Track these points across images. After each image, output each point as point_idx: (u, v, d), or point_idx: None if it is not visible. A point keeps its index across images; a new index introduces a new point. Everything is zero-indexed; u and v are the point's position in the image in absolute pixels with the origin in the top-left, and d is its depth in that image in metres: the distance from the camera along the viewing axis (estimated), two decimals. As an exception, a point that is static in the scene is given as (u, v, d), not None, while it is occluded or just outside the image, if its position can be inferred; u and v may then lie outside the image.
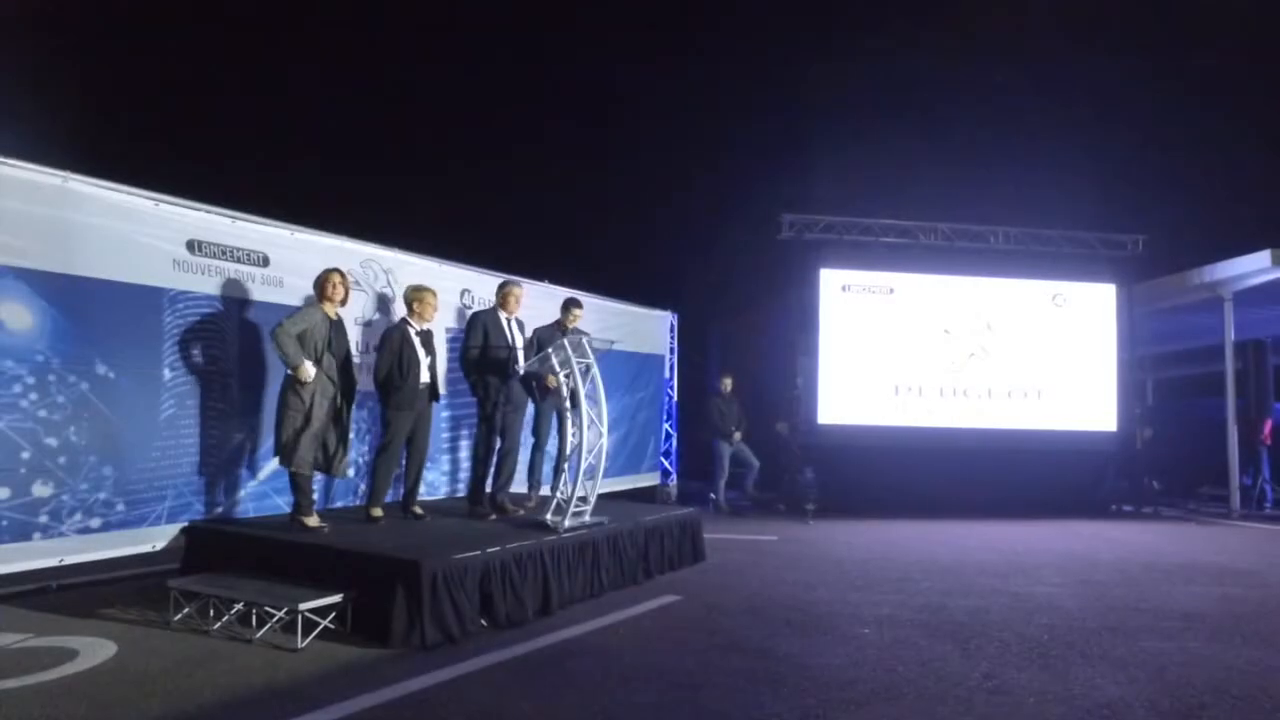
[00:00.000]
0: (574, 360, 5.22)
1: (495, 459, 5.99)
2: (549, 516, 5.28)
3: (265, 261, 5.50)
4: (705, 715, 3.21)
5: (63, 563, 4.48)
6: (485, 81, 15.16)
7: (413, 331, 5.54)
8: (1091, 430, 10.43)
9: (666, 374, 10.39)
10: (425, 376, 5.53)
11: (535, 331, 6.44)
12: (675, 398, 10.63)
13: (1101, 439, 10.49)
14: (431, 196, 13.05)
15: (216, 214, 5.25)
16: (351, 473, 6.05)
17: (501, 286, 6.18)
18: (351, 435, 5.93)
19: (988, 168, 13.54)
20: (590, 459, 5.26)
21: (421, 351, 5.52)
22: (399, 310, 6.26)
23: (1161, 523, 9.57)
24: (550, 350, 5.32)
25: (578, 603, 4.93)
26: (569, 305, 6.63)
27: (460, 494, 6.78)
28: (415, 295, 5.63)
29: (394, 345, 5.45)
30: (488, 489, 5.98)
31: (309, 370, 4.82)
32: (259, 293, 5.44)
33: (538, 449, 6.77)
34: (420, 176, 14.10)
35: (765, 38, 16.00)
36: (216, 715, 3.14)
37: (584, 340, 5.40)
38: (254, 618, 4.15)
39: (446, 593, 4.12)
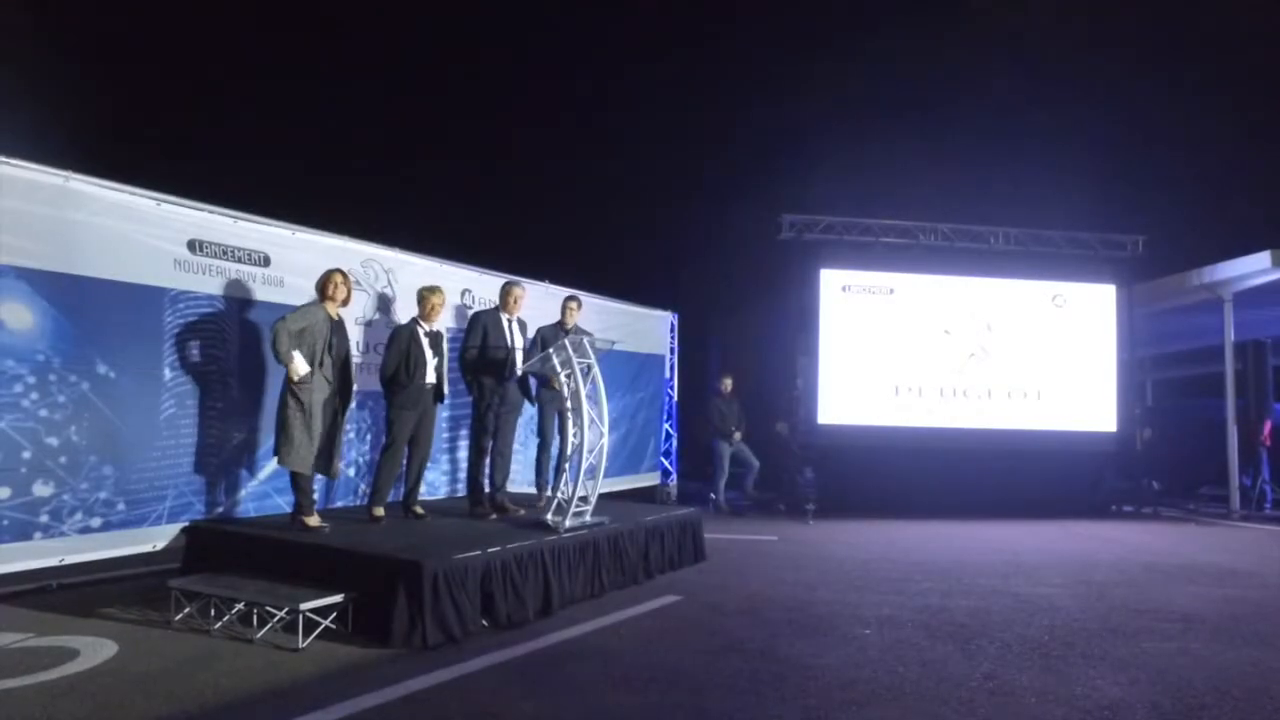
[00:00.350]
0: (575, 360, 5.22)
1: (489, 459, 5.99)
2: (549, 516, 5.28)
3: (266, 261, 5.50)
4: (706, 716, 3.21)
5: (63, 562, 4.48)
6: (485, 81, 15.18)
7: (422, 331, 5.55)
8: (1091, 431, 10.43)
9: (666, 374, 10.39)
10: (431, 377, 5.53)
11: (539, 330, 6.46)
12: (675, 398, 10.62)
13: (1101, 439, 10.49)
14: (431, 196, 13.06)
15: (218, 214, 5.25)
16: (352, 472, 6.05)
17: (503, 287, 6.18)
18: (351, 436, 5.95)
19: (988, 168, 13.56)
20: (591, 459, 5.27)
21: (429, 352, 5.52)
22: (399, 310, 6.28)
23: (1161, 523, 9.58)
24: (551, 350, 5.32)
25: (578, 603, 4.93)
26: (567, 302, 6.67)
27: (460, 494, 6.78)
28: (423, 295, 5.65)
29: (402, 344, 5.45)
30: (485, 489, 5.98)
31: (300, 365, 4.80)
32: (260, 293, 5.44)
33: (543, 449, 6.77)
34: (420, 176, 14.11)
35: (765, 38, 16.03)
36: (218, 715, 3.14)
37: (585, 340, 5.40)
38: (255, 618, 4.15)
39: (448, 593, 4.12)
